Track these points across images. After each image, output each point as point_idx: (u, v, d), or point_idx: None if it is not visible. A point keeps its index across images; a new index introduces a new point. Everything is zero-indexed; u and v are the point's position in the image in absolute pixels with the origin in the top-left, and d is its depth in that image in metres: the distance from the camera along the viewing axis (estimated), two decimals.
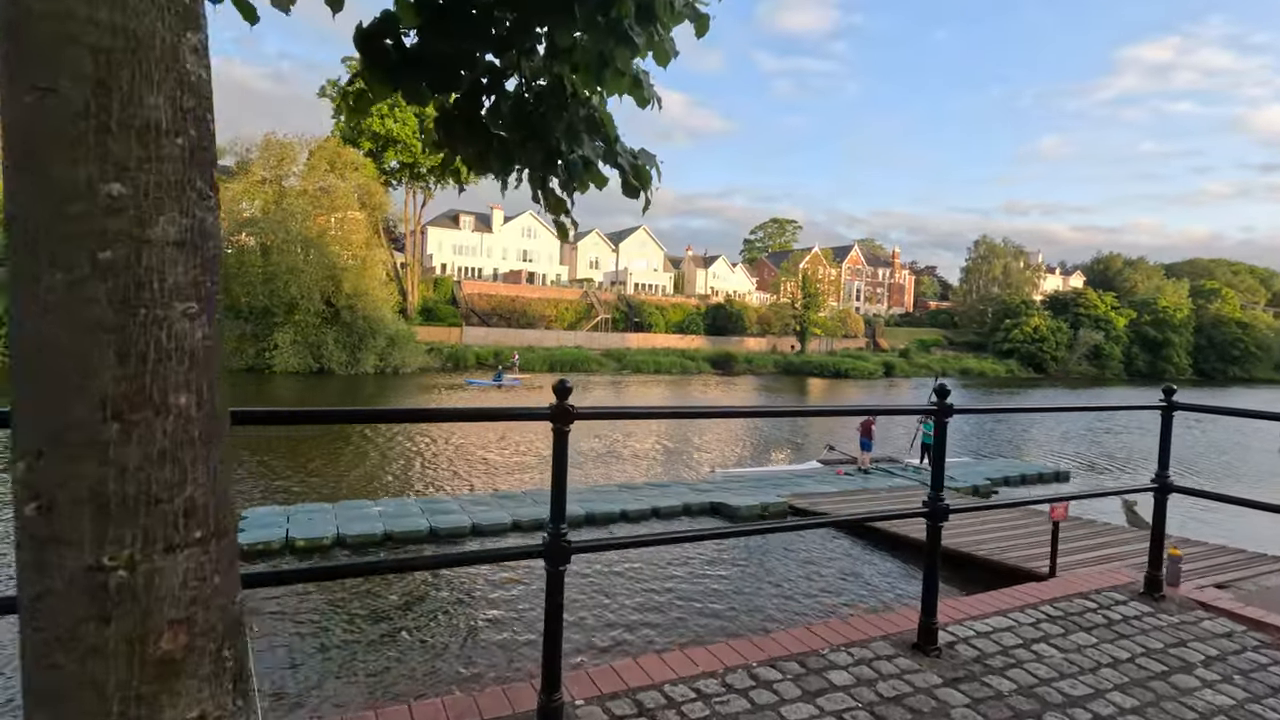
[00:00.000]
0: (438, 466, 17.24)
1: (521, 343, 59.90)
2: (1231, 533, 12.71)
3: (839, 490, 14.71)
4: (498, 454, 18.74)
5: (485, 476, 16.29)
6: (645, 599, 8.92)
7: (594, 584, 9.32)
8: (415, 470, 16.69)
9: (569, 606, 8.05)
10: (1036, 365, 79.01)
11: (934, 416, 2.80)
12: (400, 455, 18.34)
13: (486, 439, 21.02)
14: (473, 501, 12.93)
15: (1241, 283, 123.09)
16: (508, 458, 18.44)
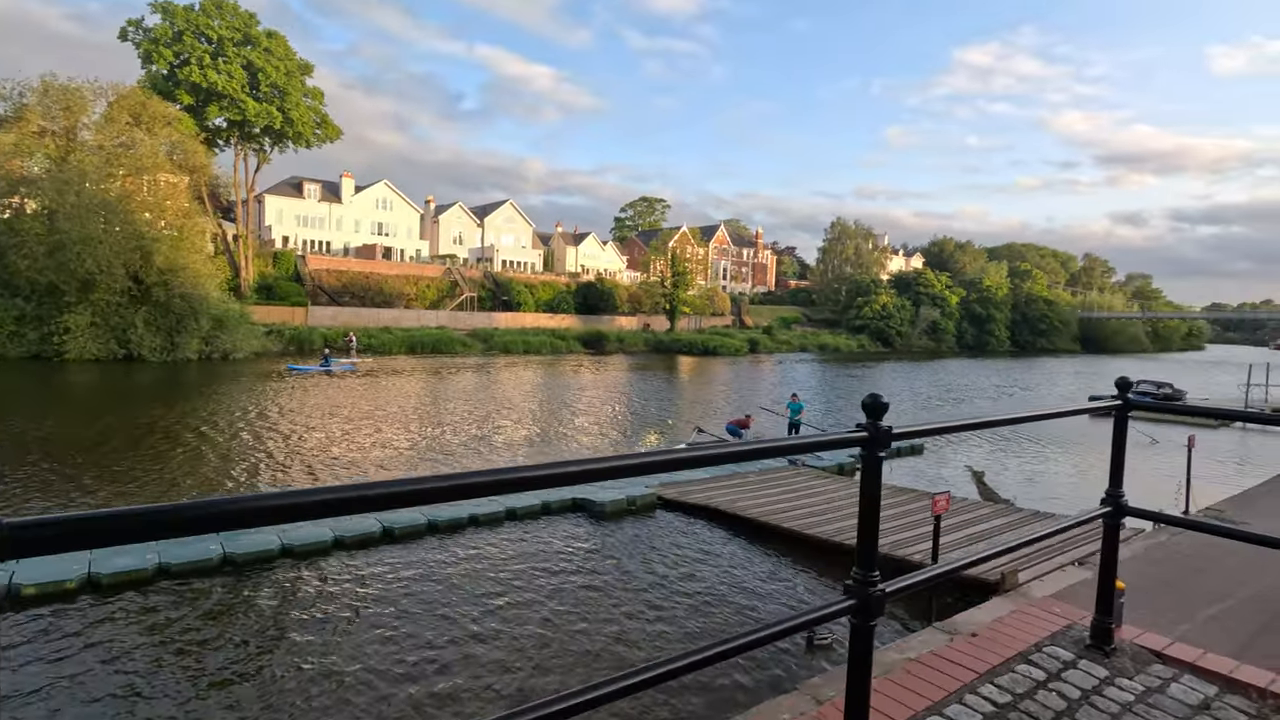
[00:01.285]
0: (289, 467, 14.72)
1: (377, 323, 55.45)
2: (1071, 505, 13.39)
3: (710, 476, 14.02)
4: (344, 449, 16.42)
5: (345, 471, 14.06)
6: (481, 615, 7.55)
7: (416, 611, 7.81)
8: (265, 473, 14.11)
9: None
10: (884, 340, 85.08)
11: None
12: (242, 456, 15.53)
13: (333, 433, 18.50)
14: None
15: (1047, 265, 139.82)
16: (363, 453, 16.19)
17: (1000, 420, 2.10)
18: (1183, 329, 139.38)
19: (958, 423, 1.98)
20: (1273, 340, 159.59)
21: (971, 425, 2.00)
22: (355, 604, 8.00)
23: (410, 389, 29.36)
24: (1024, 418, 2.17)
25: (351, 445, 17.06)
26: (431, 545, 10.01)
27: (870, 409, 1.80)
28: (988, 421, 2.09)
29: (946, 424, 1.96)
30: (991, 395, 36.65)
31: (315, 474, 14.33)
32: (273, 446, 16.65)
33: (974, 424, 2.02)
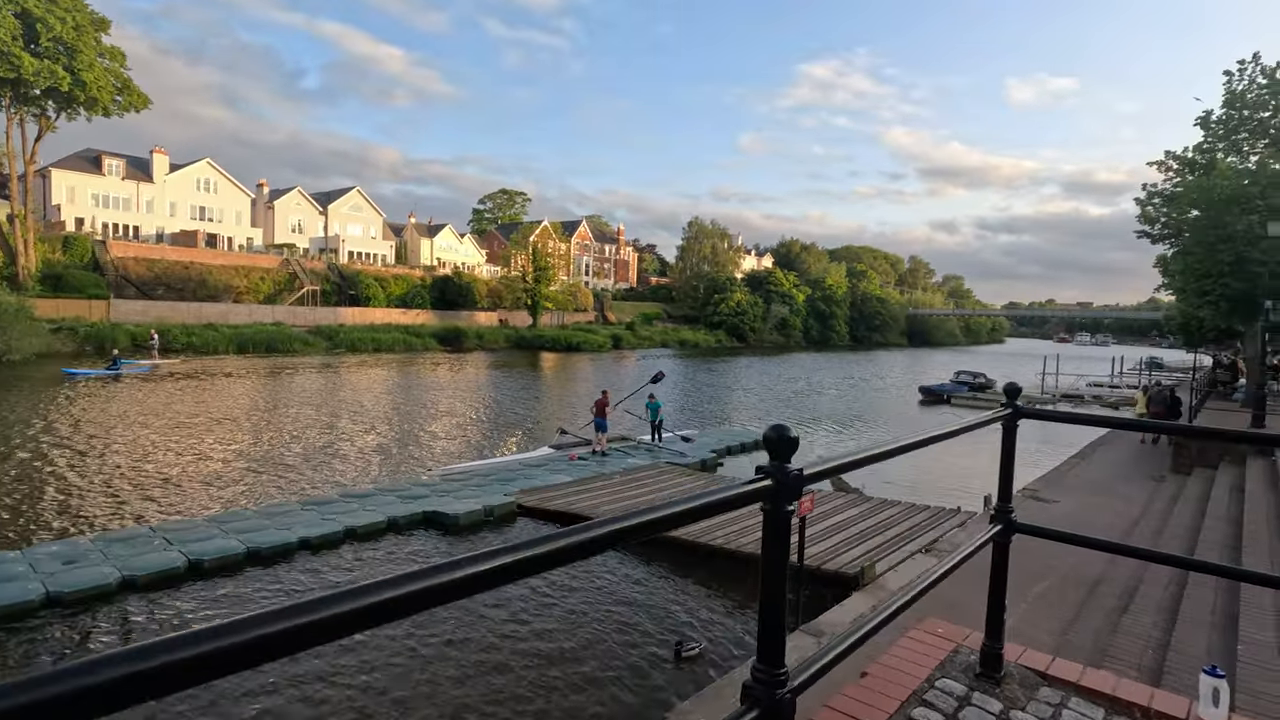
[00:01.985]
0: (87, 492, 12.13)
1: (200, 319, 49.32)
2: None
3: (573, 480, 13.48)
4: (158, 465, 13.97)
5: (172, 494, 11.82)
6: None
7: None
8: (50, 499, 11.49)
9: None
10: (739, 336, 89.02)
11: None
12: (23, 479, 12.62)
13: (142, 446, 15.80)
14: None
15: (880, 266, 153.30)
16: (182, 468, 13.81)
17: (909, 445, 1.73)
18: (988, 325, 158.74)
19: (871, 453, 1.58)
20: (1055, 334, 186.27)
21: (885, 454, 1.61)
22: None
23: (240, 392, 26.11)
24: (927, 439, 1.83)
25: (166, 460, 14.65)
26: (252, 578, 8.63)
27: (775, 445, 1.34)
28: (901, 447, 1.71)
29: (861, 455, 1.56)
30: (840, 387, 39.24)
31: (120, 497, 12.08)
32: (62, 465, 13.92)
33: (888, 452, 1.64)
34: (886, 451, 1.73)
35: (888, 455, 1.73)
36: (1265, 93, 16.83)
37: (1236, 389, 19.69)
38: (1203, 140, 17.80)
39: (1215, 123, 17.52)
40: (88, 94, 44.13)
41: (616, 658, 7.23)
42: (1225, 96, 17.18)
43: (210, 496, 12.32)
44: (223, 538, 9.41)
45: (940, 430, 2.10)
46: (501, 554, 0.93)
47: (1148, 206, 18.55)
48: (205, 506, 11.67)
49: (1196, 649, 5.27)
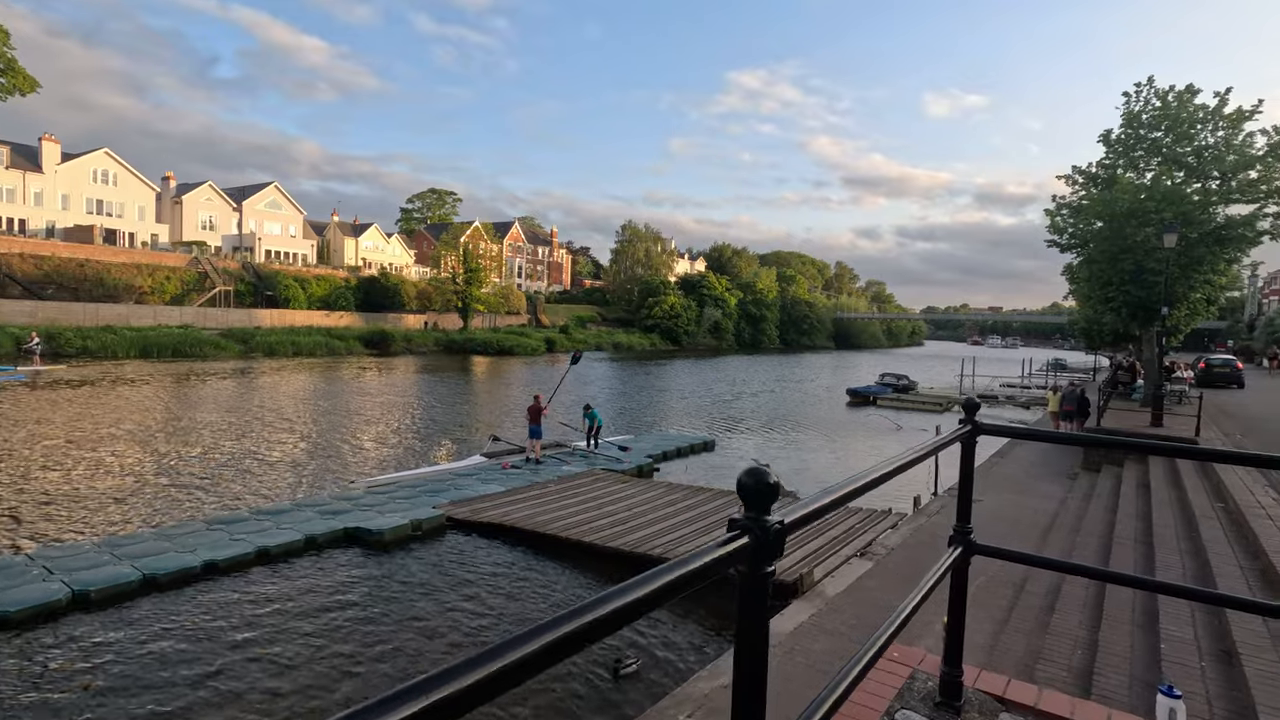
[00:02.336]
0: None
1: (97, 321, 45.68)
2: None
3: (506, 490, 13.03)
4: (53, 479, 12.59)
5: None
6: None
7: None
8: None
9: None
10: (673, 339, 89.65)
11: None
12: None
13: (30, 460, 14.26)
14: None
15: (808, 271, 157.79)
16: (79, 483, 12.47)
17: (882, 476, 1.56)
18: (908, 328, 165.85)
19: (849, 489, 1.40)
20: (969, 336, 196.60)
21: (862, 489, 1.43)
22: (29, 706, 5.85)
23: (142, 401, 24.16)
24: (896, 469, 1.67)
25: (51, 479, 13.27)
26: (146, 609, 7.83)
27: (752, 495, 1.12)
28: (875, 479, 1.54)
29: (840, 494, 1.37)
30: (772, 389, 39.93)
31: (18, 518, 10.85)
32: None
33: (864, 485, 1.45)
34: (863, 486, 1.54)
35: (865, 490, 1.55)
36: (1157, 114, 18.10)
37: (1135, 389, 21.10)
38: (1105, 156, 18.99)
39: (1115, 140, 18.72)
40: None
41: (548, 677, 6.92)
42: (1124, 116, 18.39)
43: (103, 518, 11.23)
44: (114, 564, 8.54)
45: (909, 456, 1.94)
46: None
47: (1056, 217, 19.61)
48: (96, 529, 10.61)
49: (1121, 647, 5.42)
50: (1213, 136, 17.64)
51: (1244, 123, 17.22)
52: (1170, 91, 17.85)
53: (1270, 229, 16.70)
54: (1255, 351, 44.28)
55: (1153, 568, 6.94)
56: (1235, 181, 17.09)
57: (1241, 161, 16.96)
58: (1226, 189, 17.19)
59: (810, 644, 6.38)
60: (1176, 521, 8.40)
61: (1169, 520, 8.48)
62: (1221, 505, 8.43)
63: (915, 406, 31.96)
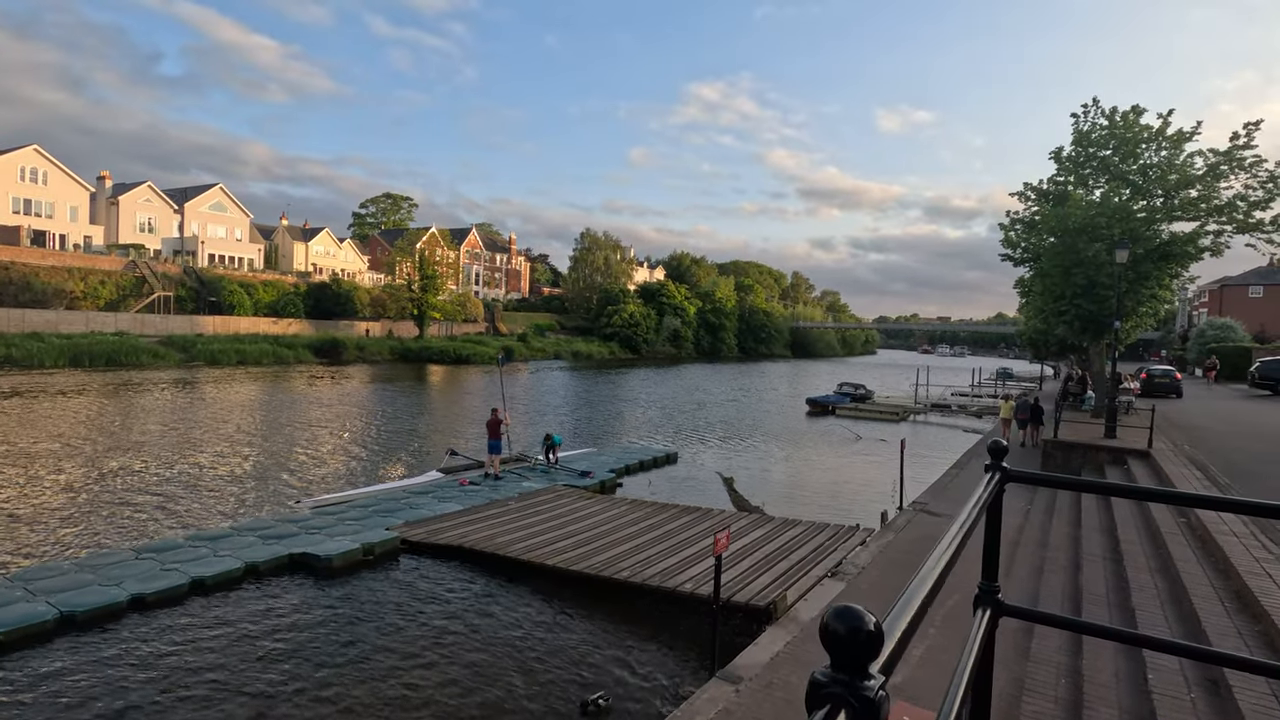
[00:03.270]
0: None
1: (23, 327, 42.99)
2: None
3: (464, 508, 12.47)
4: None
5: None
6: None
7: None
8: None
9: None
10: (632, 347, 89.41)
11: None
12: None
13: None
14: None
15: (765, 281, 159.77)
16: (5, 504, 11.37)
17: (948, 564, 1.26)
18: (862, 337, 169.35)
19: (924, 594, 1.08)
20: (919, 345, 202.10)
21: (935, 587, 1.12)
22: None
23: (69, 414, 22.61)
24: (958, 546, 1.36)
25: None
26: (62, 653, 7.09)
27: (845, 647, 0.80)
28: (945, 567, 1.23)
29: (919, 601, 1.05)
30: (731, 399, 39.95)
31: None
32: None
33: (937, 581, 1.15)
34: (936, 582, 1.24)
35: (939, 585, 1.24)
36: (1105, 133, 18.68)
37: (1085, 400, 21.69)
38: (1056, 173, 19.50)
39: (1066, 158, 19.25)
40: None
41: (519, 712, 6.47)
42: (1074, 134, 18.93)
43: (15, 547, 10.30)
44: (26, 601, 7.75)
45: (963, 524, 1.66)
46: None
47: (1010, 232, 20.05)
48: (6, 561, 9.69)
49: (1105, 676, 5.30)
50: (1156, 156, 18.26)
51: (1184, 143, 17.88)
52: (1116, 112, 18.43)
53: (1211, 246, 17.33)
54: (1188, 361, 46.40)
55: (1126, 587, 6.90)
56: (1178, 199, 17.71)
57: (1182, 180, 17.59)
58: (1170, 206, 17.80)
59: (788, 676, 6.10)
60: (1142, 539, 8.44)
61: (1134, 537, 8.52)
62: (1184, 521, 8.51)
63: (873, 416, 32.35)
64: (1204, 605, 5.87)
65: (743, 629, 8.18)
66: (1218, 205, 17.18)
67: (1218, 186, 17.25)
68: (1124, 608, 6.47)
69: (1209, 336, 42.95)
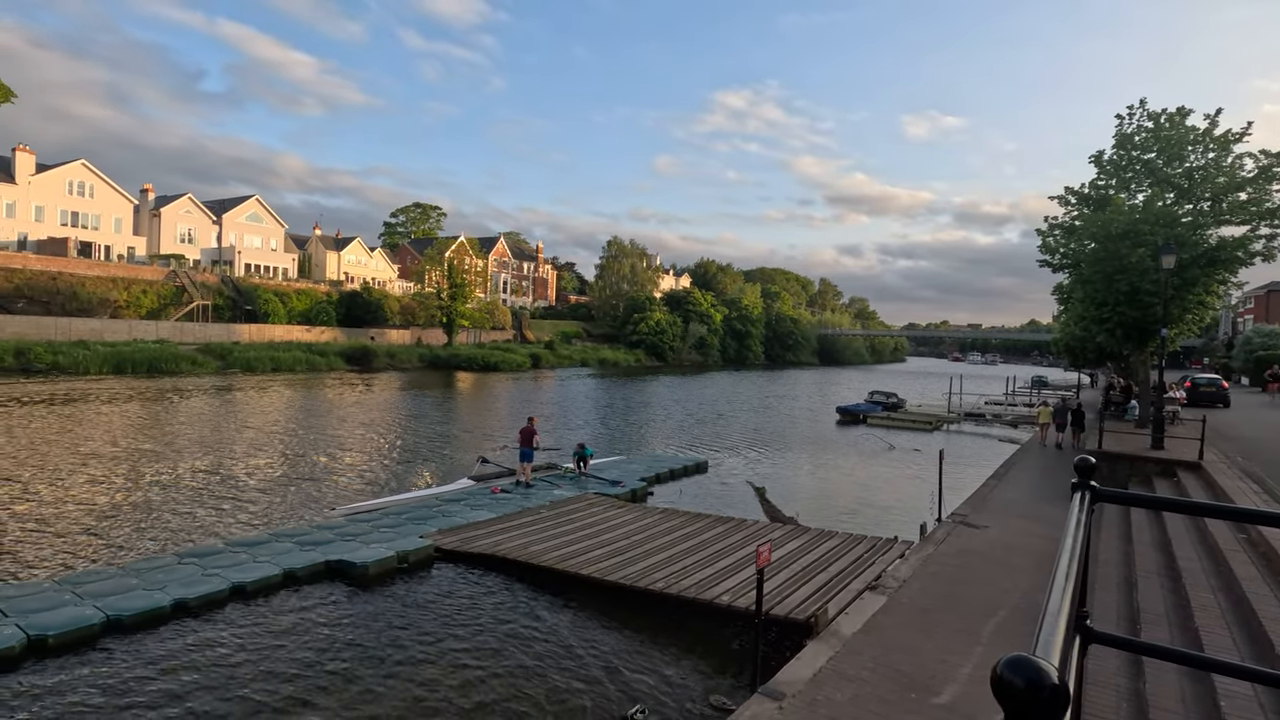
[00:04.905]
0: None
1: (69, 335, 44.42)
2: None
3: (497, 516, 12.49)
4: (33, 503, 11.82)
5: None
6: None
7: None
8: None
9: None
10: (659, 355, 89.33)
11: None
12: None
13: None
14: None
15: (792, 288, 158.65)
16: (56, 505, 11.72)
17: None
18: (891, 344, 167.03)
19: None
20: (950, 353, 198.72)
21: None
22: None
23: (111, 420, 23.25)
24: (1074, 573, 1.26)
25: (19, 501, 12.52)
26: (110, 656, 7.21)
27: (1024, 706, 0.71)
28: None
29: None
30: (759, 407, 39.62)
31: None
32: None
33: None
34: (1069, 637, 1.14)
35: (1070, 640, 1.15)
36: (1149, 136, 18.18)
37: (1128, 409, 21.05)
38: (1097, 177, 19.02)
39: (1107, 162, 18.77)
40: None
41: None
42: (1116, 138, 18.45)
43: (64, 551, 10.54)
44: (75, 605, 7.91)
45: (1071, 550, 1.56)
46: None
47: (1049, 237, 19.58)
48: (56, 565, 9.93)
49: (1170, 700, 5.06)
50: (1203, 158, 17.71)
51: (1233, 145, 17.31)
52: (1163, 114, 17.93)
53: (1263, 250, 16.73)
54: (1233, 369, 44.82)
55: (1187, 606, 6.61)
56: (1226, 203, 17.14)
57: (1231, 183, 17.03)
58: (1218, 210, 17.23)
59: (833, 694, 5.95)
60: (1200, 555, 8.10)
61: (1191, 553, 8.18)
62: (1244, 537, 8.15)
63: (906, 425, 31.79)
64: (1276, 627, 5.59)
65: (782, 643, 8.02)
66: (1270, 209, 16.59)
67: (1270, 189, 16.66)
68: (1186, 628, 6.19)
69: (1256, 344, 41.45)
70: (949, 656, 6.71)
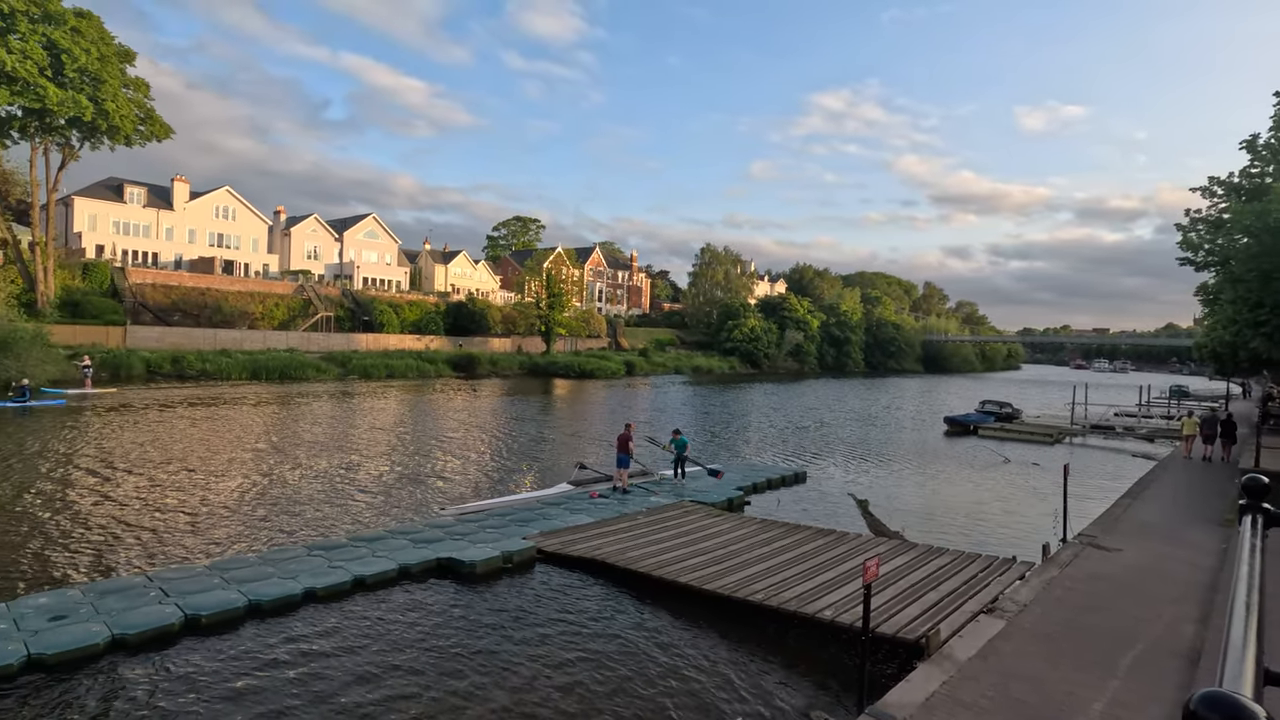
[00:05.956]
0: (123, 511, 11.52)
1: (214, 345, 49.30)
2: None
3: (595, 521, 12.73)
4: (180, 492, 13.36)
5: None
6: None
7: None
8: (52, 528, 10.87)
9: None
10: (753, 362, 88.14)
11: None
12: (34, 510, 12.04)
13: (149, 475, 15.20)
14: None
15: (894, 292, 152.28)
16: (198, 494, 13.19)
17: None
18: (1004, 350, 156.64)
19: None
20: (1071, 360, 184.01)
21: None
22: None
23: (249, 421, 25.63)
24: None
25: (164, 497, 14.06)
26: (252, 636, 7.92)
27: None
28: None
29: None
30: (860, 416, 38.24)
31: (111, 539, 11.50)
32: (42, 505, 13.35)
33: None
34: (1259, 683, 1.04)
35: (1260, 686, 1.04)
36: None
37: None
38: (1250, 164, 17.08)
39: (1264, 146, 16.81)
40: (110, 123, 44.65)
41: None
42: (1275, 119, 16.49)
43: (211, 539, 11.68)
44: (223, 588, 8.74)
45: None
46: None
47: (1190, 233, 17.77)
48: (205, 551, 11.02)
49: None
50: None
51: None
52: None
53: None
54: None
55: None
56: None
57: None
58: None
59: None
60: None
61: None
62: None
63: (1022, 437, 29.69)
64: None
65: (888, 663, 7.69)
66: None
67: None
68: None
69: None
70: (1078, 690, 6.20)
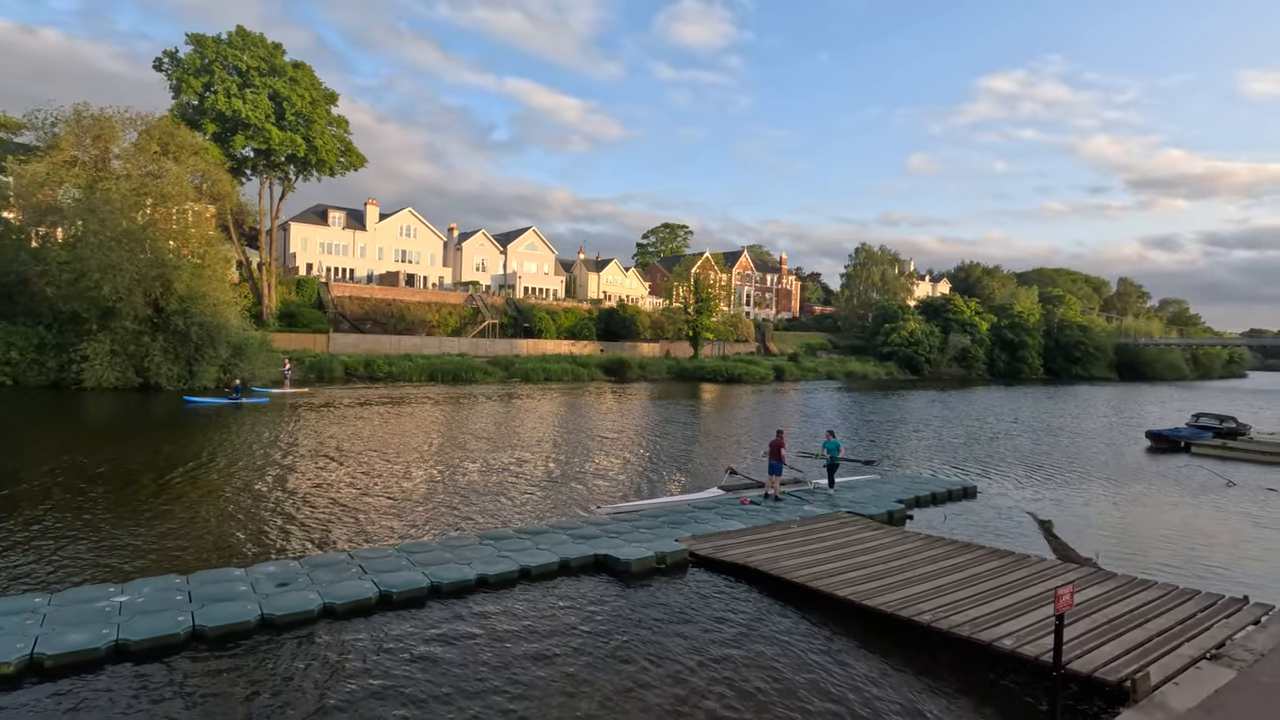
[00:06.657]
0: (315, 498, 13.58)
1: (398, 350, 55.03)
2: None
3: (747, 527, 12.61)
4: (368, 484, 15.26)
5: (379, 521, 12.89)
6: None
7: None
8: (271, 510, 12.98)
9: None
10: (913, 367, 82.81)
11: None
12: (253, 495, 14.44)
13: (330, 470, 17.37)
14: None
15: (1079, 290, 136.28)
16: (382, 484, 15.00)
17: None
18: (1223, 355, 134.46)
19: None
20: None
21: None
22: (338, 687, 6.72)
23: (428, 419, 28.34)
24: None
25: (366, 481, 15.94)
26: (435, 613, 8.73)
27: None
28: None
29: None
30: (1039, 427, 34.56)
31: (339, 517, 13.23)
32: (263, 489, 15.59)
33: None
34: None
35: None
36: None
37: None
38: None
39: None
40: (318, 157, 51.42)
41: None
42: None
43: (398, 524, 13.02)
44: (410, 569, 9.71)
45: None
46: None
47: None
48: (394, 534, 12.30)
49: None
50: None
51: None
52: None
53: None
54: None
55: None
56: None
57: None
58: None
59: None
60: None
61: None
62: None
63: (1250, 457, 25.28)
64: None
65: (1081, 704, 6.87)
66: None
67: None
68: None
69: None
70: None
